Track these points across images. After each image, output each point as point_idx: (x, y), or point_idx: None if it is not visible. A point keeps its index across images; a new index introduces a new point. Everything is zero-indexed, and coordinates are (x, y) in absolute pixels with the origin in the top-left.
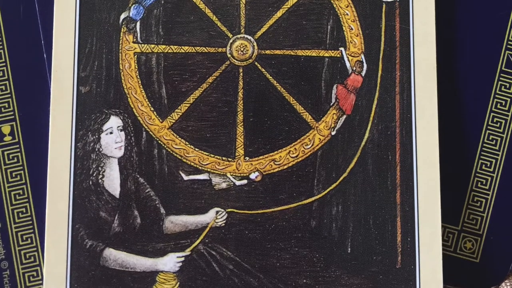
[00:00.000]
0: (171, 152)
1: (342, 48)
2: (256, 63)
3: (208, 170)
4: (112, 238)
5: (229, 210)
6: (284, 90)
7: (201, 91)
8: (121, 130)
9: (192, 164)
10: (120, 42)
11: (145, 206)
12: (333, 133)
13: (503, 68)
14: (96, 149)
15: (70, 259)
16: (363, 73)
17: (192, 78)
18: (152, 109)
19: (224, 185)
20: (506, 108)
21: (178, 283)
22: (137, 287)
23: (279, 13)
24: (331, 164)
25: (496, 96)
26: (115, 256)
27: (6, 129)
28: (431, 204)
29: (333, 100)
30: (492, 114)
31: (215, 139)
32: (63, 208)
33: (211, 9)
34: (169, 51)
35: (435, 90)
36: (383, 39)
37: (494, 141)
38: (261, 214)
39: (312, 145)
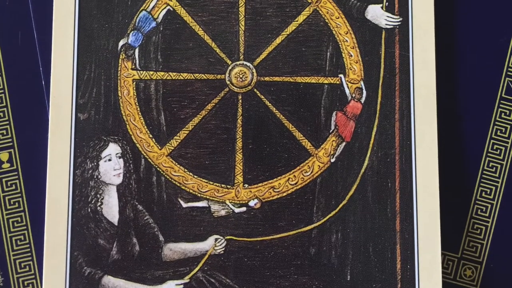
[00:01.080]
0: (170, 179)
1: (341, 75)
2: (255, 90)
3: (207, 197)
4: (111, 265)
5: (228, 237)
6: (283, 117)
7: (200, 118)
8: (119, 157)
9: (191, 191)
10: (119, 69)
11: (143, 233)
12: (332, 160)
13: (503, 95)
14: (95, 176)
15: (69, 287)
16: (362, 100)
17: (191, 105)
18: (150, 136)
19: (223, 213)
20: (506, 135)
21: None
22: None
23: (278, 40)
24: (330, 191)
25: (496, 123)
26: (114, 284)
27: (4, 156)
28: (430, 231)
29: (333, 127)
30: (492, 141)
31: (214, 166)
32: (61, 235)
33: (210, 36)
34: (168, 78)
35: (435, 117)
36: (382, 65)
37: (494, 168)
38: (260, 241)
39: (312, 172)
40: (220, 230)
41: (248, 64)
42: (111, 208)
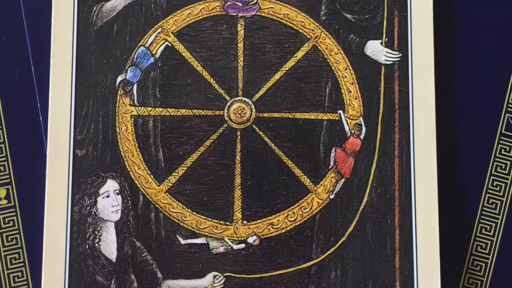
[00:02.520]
0: (168, 216)
1: (340, 111)
2: (254, 126)
3: (206, 234)
4: None
5: (226, 274)
6: (282, 153)
7: (198, 154)
8: (117, 194)
9: (190, 228)
10: (117, 105)
11: (142, 270)
12: (331, 196)
13: (503, 131)
14: (93, 213)
15: None
16: (362, 136)
17: (189, 141)
18: (149, 172)
19: (221, 249)
20: (506, 172)
21: None
22: None
23: (277, 76)
24: (329, 228)
25: (496, 159)
26: None
27: (1, 192)
28: (430, 268)
29: (332, 164)
30: (492, 177)
31: (213, 202)
32: (59, 272)
33: (208, 72)
34: (166, 114)
35: (435, 153)
36: (382, 101)
37: (494, 204)
38: (259, 278)
39: (311, 208)
40: (219, 267)
41: (247, 100)
42: (109, 245)
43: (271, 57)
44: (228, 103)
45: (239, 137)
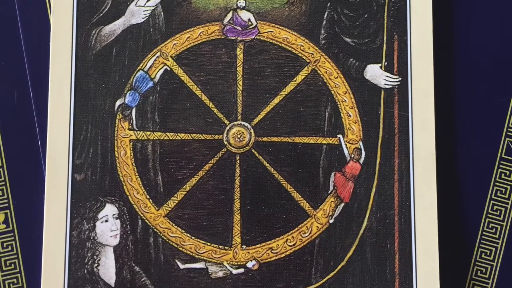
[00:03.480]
0: (167, 240)
1: (340, 135)
2: (253, 150)
3: (205, 258)
4: None
5: None
6: (281, 178)
7: (197, 179)
8: (116, 218)
9: (189, 252)
10: (116, 129)
11: None
12: (331, 221)
13: (503, 156)
14: (91, 238)
15: None
16: (361, 161)
17: (188, 165)
18: (148, 197)
19: (220, 274)
20: (506, 196)
21: None
22: None
23: (276, 100)
24: (329, 252)
25: (496, 183)
26: None
27: (0, 217)
28: None
29: (331, 188)
30: (492, 201)
31: (212, 227)
32: None
33: (207, 96)
34: (165, 138)
35: (434, 178)
36: (381, 126)
37: (494, 229)
38: None
39: (310, 233)
40: None
41: (246, 124)
42: (108, 270)
43: (270, 81)
44: (227, 127)
45: (238, 161)
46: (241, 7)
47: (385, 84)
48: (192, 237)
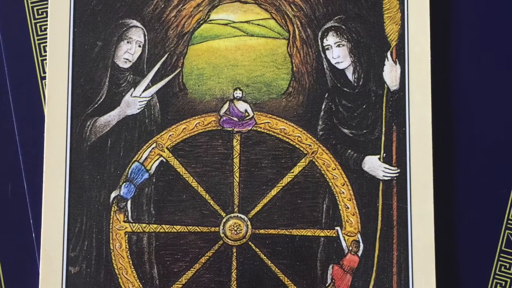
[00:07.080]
0: None
1: (338, 228)
2: (250, 242)
3: None
4: None
5: None
6: (278, 271)
7: (193, 272)
8: None
9: None
10: (111, 221)
11: None
12: None
13: (503, 248)
14: None
15: None
16: (359, 253)
17: (184, 258)
18: None
19: None
20: None
21: None
22: None
23: (273, 192)
24: None
25: (496, 276)
26: None
27: None
28: None
29: (329, 281)
30: None
31: None
32: None
33: (204, 188)
34: (161, 230)
35: (433, 271)
36: (380, 218)
37: None
38: None
39: None
40: None
41: (243, 216)
42: None
43: (268, 173)
44: (224, 220)
45: (235, 254)
46: (238, 97)
47: (383, 175)
48: None
